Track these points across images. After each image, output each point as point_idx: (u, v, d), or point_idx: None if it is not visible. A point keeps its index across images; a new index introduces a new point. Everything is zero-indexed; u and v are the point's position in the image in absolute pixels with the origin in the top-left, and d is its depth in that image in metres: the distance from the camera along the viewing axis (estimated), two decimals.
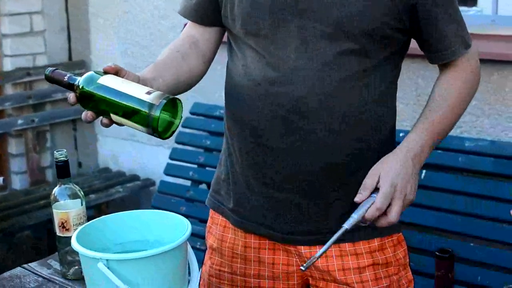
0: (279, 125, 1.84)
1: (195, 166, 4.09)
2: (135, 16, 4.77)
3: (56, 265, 2.05)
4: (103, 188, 4.79)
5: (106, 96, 1.63)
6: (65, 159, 1.94)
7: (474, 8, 4.10)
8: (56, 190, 1.96)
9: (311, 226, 1.92)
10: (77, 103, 1.68)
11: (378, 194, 1.76)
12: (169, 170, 4.21)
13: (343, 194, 1.89)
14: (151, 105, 1.58)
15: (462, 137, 3.26)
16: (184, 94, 1.93)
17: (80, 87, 1.66)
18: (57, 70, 1.74)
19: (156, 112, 1.57)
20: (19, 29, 4.92)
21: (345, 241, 1.91)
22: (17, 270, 2.05)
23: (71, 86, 1.69)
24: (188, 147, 4.17)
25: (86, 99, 1.66)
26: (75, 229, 1.83)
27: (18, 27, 4.91)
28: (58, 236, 1.96)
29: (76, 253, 1.81)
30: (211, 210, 2.12)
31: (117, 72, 1.69)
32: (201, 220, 3.79)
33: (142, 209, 1.90)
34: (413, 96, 3.46)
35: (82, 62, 5.16)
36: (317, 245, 1.92)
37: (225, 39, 2.02)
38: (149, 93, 1.60)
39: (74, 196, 1.95)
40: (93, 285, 1.68)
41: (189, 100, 4.12)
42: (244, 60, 1.90)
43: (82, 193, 1.97)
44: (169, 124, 1.64)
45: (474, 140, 3.21)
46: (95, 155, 5.30)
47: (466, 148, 3.19)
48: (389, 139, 1.94)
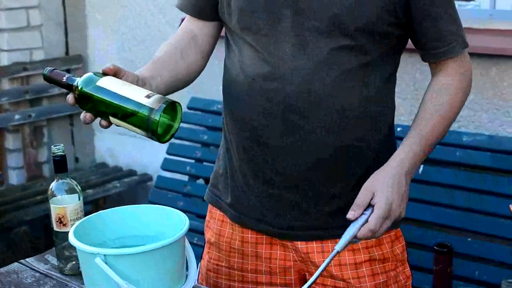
0: (275, 123, 1.83)
1: (193, 161, 4.09)
2: (133, 11, 4.76)
3: (53, 260, 2.05)
4: (100, 183, 4.79)
5: (105, 99, 1.63)
6: (63, 153, 1.94)
7: (472, 2, 4.09)
8: (53, 185, 1.95)
9: (309, 222, 1.92)
10: (76, 104, 1.68)
11: (372, 215, 1.72)
12: (166, 165, 4.21)
13: (341, 192, 1.88)
14: (150, 109, 1.58)
15: (460, 131, 3.26)
16: None
17: (79, 88, 1.66)
18: (55, 70, 1.73)
19: (156, 116, 1.57)
20: (16, 24, 4.91)
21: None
22: (14, 266, 2.04)
23: (69, 87, 1.69)
24: (185, 142, 4.17)
25: (85, 100, 1.66)
26: (72, 224, 1.82)
27: (15, 21, 4.90)
28: (55, 231, 1.95)
29: (73, 248, 1.81)
30: (209, 204, 2.12)
31: (116, 73, 1.69)
32: (199, 215, 3.79)
33: (139, 204, 1.90)
34: (410, 91, 3.45)
35: (79, 57, 5.15)
36: (313, 241, 1.92)
37: (222, 34, 2.01)
38: (148, 96, 1.60)
39: (71, 191, 1.94)
40: (90, 280, 1.68)
41: (187, 95, 4.11)
42: (240, 55, 1.89)
43: (80, 188, 1.96)
44: (168, 127, 1.64)
45: (472, 135, 3.21)
46: (92, 150, 5.30)
47: (464, 143, 3.19)
48: (388, 136, 1.93)
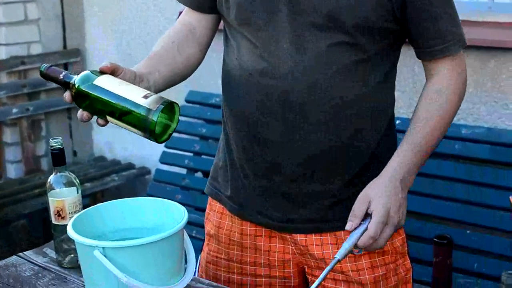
0: (272, 118, 1.83)
1: (191, 154, 4.09)
2: (130, 4, 4.75)
3: (51, 253, 2.04)
4: (98, 177, 4.79)
5: (103, 98, 1.62)
6: (61, 147, 1.93)
7: None
8: (51, 178, 1.94)
9: (308, 215, 1.91)
10: (73, 102, 1.67)
11: (371, 221, 1.72)
12: (165, 159, 4.21)
13: (339, 187, 1.88)
14: (148, 110, 1.57)
15: (458, 124, 3.26)
16: None
17: (76, 86, 1.65)
18: (52, 67, 1.73)
19: (154, 117, 1.57)
20: (14, 18, 4.90)
21: (341, 229, 1.90)
22: (13, 259, 2.05)
23: (66, 84, 1.68)
24: (183, 135, 4.16)
25: (82, 98, 1.66)
26: (70, 217, 1.82)
27: (13, 15, 4.89)
28: (54, 224, 1.95)
29: (72, 241, 1.81)
30: (209, 197, 2.12)
31: (113, 71, 1.68)
32: (197, 208, 3.79)
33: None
34: (409, 83, 3.45)
35: (77, 51, 5.13)
36: (313, 234, 1.92)
37: (221, 27, 2.00)
38: (146, 97, 1.59)
39: (69, 184, 1.94)
40: (89, 273, 1.68)
41: (184, 88, 4.10)
42: (238, 50, 1.88)
43: (78, 181, 1.96)
44: (166, 127, 1.63)
45: (470, 127, 3.21)
46: (90, 143, 5.30)
47: (463, 135, 3.19)
48: (387, 131, 1.92)
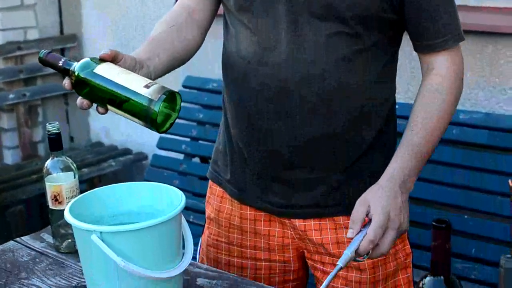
0: (269, 106, 1.83)
1: (188, 139, 4.08)
2: None
3: (49, 238, 2.04)
4: (95, 162, 4.79)
5: (103, 87, 1.61)
6: (58, 131, 1.93)
7: None
8: (48, 163, 1.94)
9: (306, 201, 1.91)
10: (72, 89, 1.66)
11: (370, 225, 1.69)
12: (162, 144, 4.20)
13: (338, 172, 1.88)
14: (150, 100, 1.56)
15: (456, 109, 3.24)
16: None
17: (76, 73, 1.64)
18: (51, 53, 1.71)
19: (155, 107, 1.55)
20: (10, 3, 4.88)
21: (340, 214, 1.90)
22: (10, 244, 2.05)
23: (66, 71, 1.67)
24: (180, 121, 4.15)
25: (82, 86, 1.64)
26: (68, 202, 1.81)
27: (9, 1, 4.87)
28: (51, 209, 1.94)
29: (69, 226, 1.80)
30: (210, 180, 2.12)
31: (113, 58, 1.66)
32: (195, 194, 3.79)
33: None
34: (407, 68, 3.44)
35: (74, 36, 5.12)
36: (311, 219, 1.92)
37: (220, 13, 1.99)
38: (147, 86, 1.58)
39: (66, 169, 1.93)
40: (86, 258, 1.67)
41: (181, 73, 4.09)
42: (237, 37, 1.88)
43: (75, 166, 1.95)
44: (167, 117, 1.61)
45: (468, 113, 3.20)
46: (87, 129, 5.29)
47: (461, 121, 3.18)
48: (388, 119, 1.91)
